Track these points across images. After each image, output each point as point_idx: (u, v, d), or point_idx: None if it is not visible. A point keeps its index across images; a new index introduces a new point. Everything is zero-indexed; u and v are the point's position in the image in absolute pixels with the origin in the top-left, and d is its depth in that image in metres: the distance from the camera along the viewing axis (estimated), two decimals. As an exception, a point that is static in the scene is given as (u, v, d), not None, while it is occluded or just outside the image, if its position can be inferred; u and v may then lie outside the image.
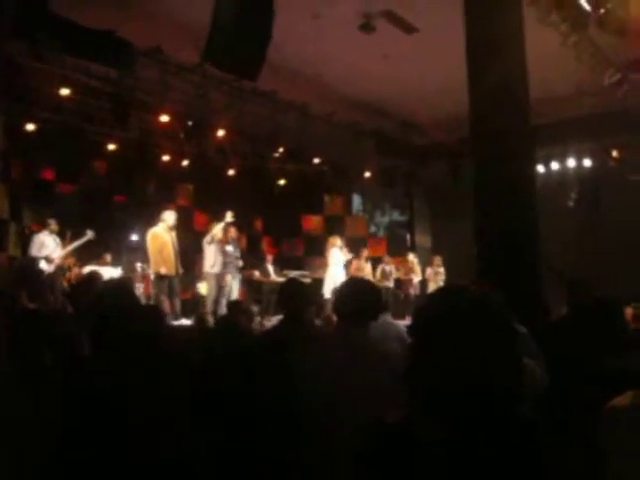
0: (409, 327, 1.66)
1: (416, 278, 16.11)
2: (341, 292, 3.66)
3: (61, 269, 11.87)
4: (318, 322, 9.23)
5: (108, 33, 9.79)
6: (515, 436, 1.55)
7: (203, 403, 2.77)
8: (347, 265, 15.07)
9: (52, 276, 11.54)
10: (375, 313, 3.61)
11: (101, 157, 13.76)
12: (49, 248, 11.62)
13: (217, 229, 12.84)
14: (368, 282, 3.82)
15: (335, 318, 3.88)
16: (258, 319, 11.63)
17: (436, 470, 1.52)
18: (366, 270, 15.38)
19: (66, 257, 12.14)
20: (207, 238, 12.93)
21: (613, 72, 10.81)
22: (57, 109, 11.76)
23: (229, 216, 12.83)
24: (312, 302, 4.32)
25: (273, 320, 10.85)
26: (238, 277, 13.75)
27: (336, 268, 14.64)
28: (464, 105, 7.49)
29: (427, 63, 11.76)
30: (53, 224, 11.94)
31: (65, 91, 10.92)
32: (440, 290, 1.77)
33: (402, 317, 12.67)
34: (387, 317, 6.16)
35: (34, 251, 11.56)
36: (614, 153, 14.86)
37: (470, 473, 1.50)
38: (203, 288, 13.56)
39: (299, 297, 4.61)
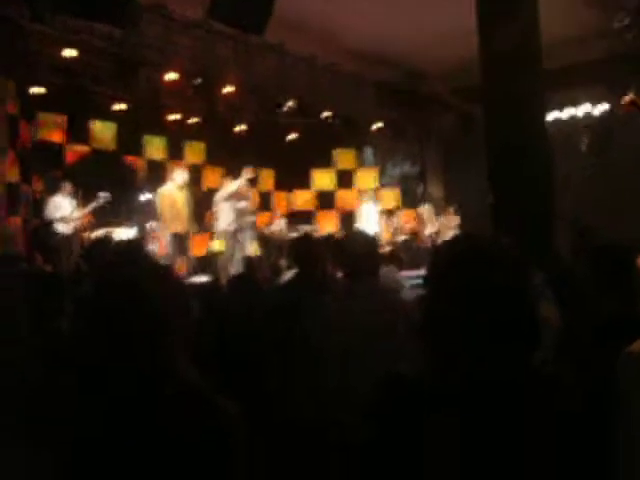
0: (423, 278, 1.66)
1: (429, 229, 16.08)
2: (346, 247, 3.63)
3: (77, 230, 11.90)
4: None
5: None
6: (531, 390, 1.54)
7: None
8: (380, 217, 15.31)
9: (68, 237, 11.59)
10: (374, 266, 3.59)
11: (109, 117, 13.68)
12: (65, 210, 11.65)
13: (234, 186, 12.80)
14: (369, 236, 3.79)
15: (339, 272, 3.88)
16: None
17: (449, 426, 1.52)
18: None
19: (83, 218, 12.18)
20: (221, 194, 12.90)
21: (622, 15, 10.62)
22: (62, 71, 11.68)
23: (247, 172, 12.79)
24: (324, 257, 4.29)
25: (289, 274, 10.88)
26: (252, 234, 13.76)
27: (367, 223, 14.78)
28: (475, 52, 7.40)
29: (436, 10, 11.59)
30: (68, 186, 11.96)
31: (69, 52, 10.83)
32: (453, 239, 1.75)
33: (416, 268, 12.66)
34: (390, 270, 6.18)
35: (50, 213, 11.59)
36: (626, 97, 14.66)
37: (484, 429, 1.50)
38: (217, 245, 13.58)
39: (312, 252, 4.61)
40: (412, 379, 1.65)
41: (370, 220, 15.04)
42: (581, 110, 15.63)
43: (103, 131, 14.16)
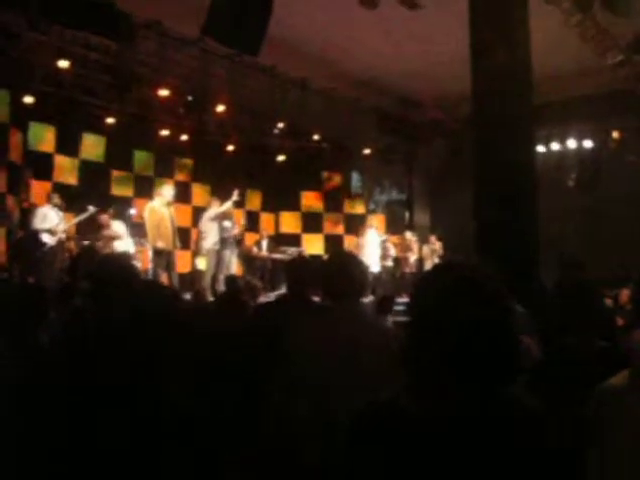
0: (407, 305, 1.67)
1: (413, 256, 16.13)
2: (331, 268, 3.59)
3: (63, 242, 11.84)
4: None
5: (107, 4, 9.71)
6: (509, 414, 1.55)
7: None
8: (382, 244, 15.49)
9: (54, 249, 11.52)
10: (362, 290, 3.56)
11: (100, 130, 13.68)
12: (52, 221, 11.59)
13: (223, 207, 12.91)
14: (355, 258, 3.75)
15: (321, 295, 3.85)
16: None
17: (429, 447, 1.52)
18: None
19: (69, 231, 12.15)
20: (209, 214, 12.98)
21: (616, 53, 10.75)
22: (56, 82, 11.68)
23: (235, 195, 12.90)
24: (316, 280, 4.27)
25: (271, 296, 10.87)
26: (235, 252, 13.80)
27: (371, 248, 14.85)
28: (465, 83, 7.47)
29: (429, 40, 11.70)
30: (56, 197, 11.91)
31: (64, 63, 10.84)
32: (436, 268, 1.76)
33: (399, 294, 12.68)
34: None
35: (37, 224, 11.53)
36: (614, 134, 14.83)
37: (463, 451, 1.50)
38: (201, 263, 13.59)
39: (304, 272, 4.62)
40: (391, 402, 1.66)
41: (372, 247, 15.14)
42: (570, 145, 15.75)
43: (93, 144, 14.16)
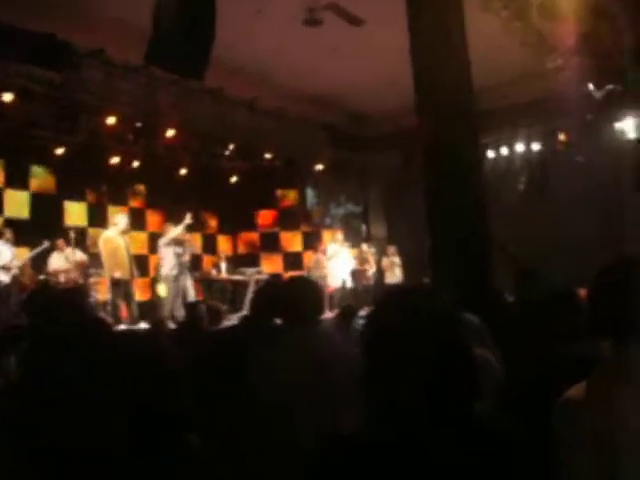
0: (361, 333, 1.67)
1: (370, 269, 16.20)
2: (286, 293, 3.62)
3: (17, 279, 11.64)
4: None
5: (49, 36, 9.65)
6: (472, 433, 1.56)
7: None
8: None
9: (8, 286, 11.33)
10: (319, 313, 3.59)
11: (50, 162, 13.52)
12: (5, 257, 11.39)
13: (177, 231, 12.82)
14: (310, 282, 3.79)
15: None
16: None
17: (395, 474, 1.52)
18: (325, 264, 15.54)
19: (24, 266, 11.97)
20: (164, 240, 12.89)
21: (555, 57, 10.95)
22: (0, 115, 11.54)
23: (188, 218, 12.83)
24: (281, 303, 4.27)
25: (232, 318, 10.81)
26: (190, 277, 13.71)
27: (336, 262, 14.88)
28: (411, 95, 7.53)
29: (374, 55, 11.81)
30: (8, 232, 11.71)
31: (8, 96, 10.71)
32: (387, 295, 1.78)
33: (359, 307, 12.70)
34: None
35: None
36: (561, 136, 15.08)
37: (429, 474, 1.51)
38: (162, 290, 13.49)
39: (270, 298, 4.61)
40: (353, 434, 1.66)
41: (339, 262, 15.21)
42: (518, 149, 15.97)
43: (43, 176, 14.00)
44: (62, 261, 12.09)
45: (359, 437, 1.63)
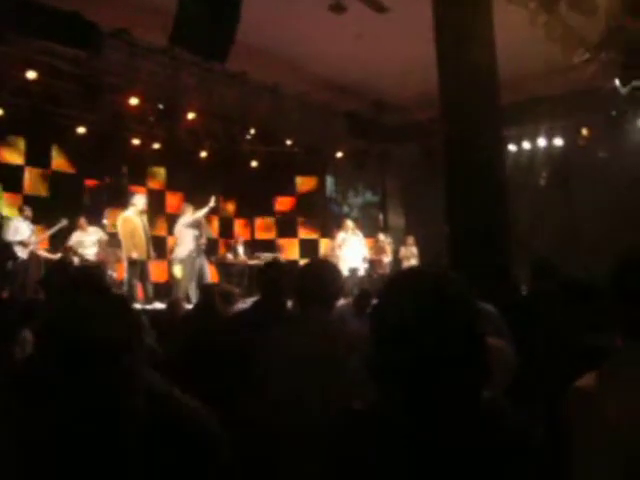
0: (371, 315, 1.66)
1: (386, 258, 16.14)
2: (303, 275, 3.60)
3: (35, 255, 11.74)
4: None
5: (73, 14, 9.65)
6: (481, 418, 1.56)
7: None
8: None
9: (26, 262, 11.43)
10: (336, 297, 3.57)
11: (71, 141, 13.58)
12: (24, 234, 11.50)
13: (200, 213, 12.84)
14: (329, 265, 3.76)
15: (293, 301, 3.84)
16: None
17: (404, 453, 1.52)
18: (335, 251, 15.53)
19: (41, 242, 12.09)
20: (184, 221, 12.89)
21: (582, 51, 10.84)
22: (24, 92, 11.58)
23: (212, 201, 12.85)
24: (290, 285, 4.26)
25: (248, 302, 10.82)
26: (206, 260, 13.74)
27: (346, 250, 14.85)
28: (435, 85, 7.50)
29: (398, 42, 11.73)
30: (27, 210, 11.83)
31: (32, 74, 10.74)
32: (400, 275, 1.76)
33: (375, 296, 12.70)
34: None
35: (9, 236, 11.45)
36: (584, 131, 14.96)
37: (438, 457, 1.50)
38: (178, 271, 13.53)
39: (280, 279, 4.60)
40: (366, 410, 1.66)
41: (352, 249, 15.16)
42: (541, 143, 15.87)
43: (63, 154, 14.07)
44: (83, 239, 12.19)
45: (370, 412, 1.63)
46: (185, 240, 12.84)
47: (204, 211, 12.91)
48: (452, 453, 1.50)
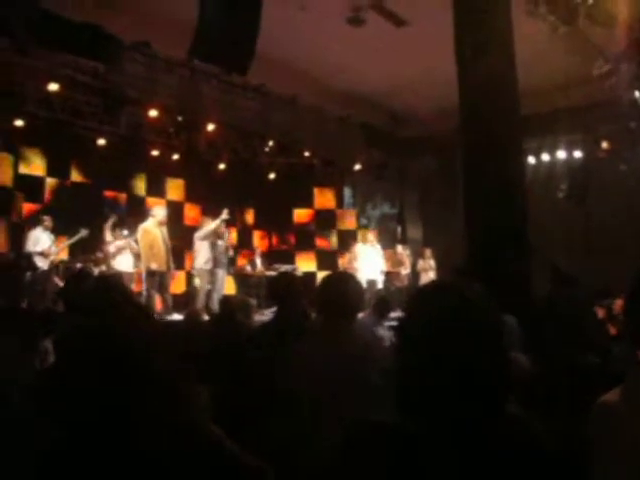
0: (397, 328, 1.66)
1: (404, 271, 16.10)
2: (325, 288, 3.60)
3: (56, 266, 11.83)
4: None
5: (95, 27, 9.76)
6: (502, 432, 1.55)
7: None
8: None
9: (46, 272, 11.51)
10: (358, 309, 3.57)
11: (91, 152, 13.68)
12: (44, 244, 11.59)
13: (213, 226, 12.86)
14: (351, 277, 3.76)
15: (315, 313, 3.84)
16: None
17: (427, 469, 1.52)
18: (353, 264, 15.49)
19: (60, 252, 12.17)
20: (200, 234, 12.94)
21: (602, 63, 10.81)
22: (45, 104, 11.68)
23: (225, 213, 12.88)
24: (304, 295, 4.28)
25: (266, 313, 10.84)
26: (227, 271, 13.77)
27: (364, 262, 14.83)
28: (454, 97, 7.50)
29: (417, 56, 11.76)
30: (47, 220, 11.91)
31: (53, 86, 10.84)
32: (426, 289, 1.76)
33: (392, 309, 12.66)
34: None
35: (29, 247, 11.54)
36: (604, 144, 14.89)
37: (459, 470, 1.50)
38: (195, 283, 13.57)
39: (292, 290, 4.62)
40: (384, 422, 1.66)
41: (369, 261, 15.09)
42: (560, 155, 15.81)
43: (83, 165, 14.18)
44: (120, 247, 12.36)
45: (389, 425, 1.62)
46: (201, 252, 12.87)
47: (216, 223, 12.93)
48: (478, 468, 1.50)
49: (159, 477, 1.75)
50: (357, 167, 16.44)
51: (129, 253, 12.47)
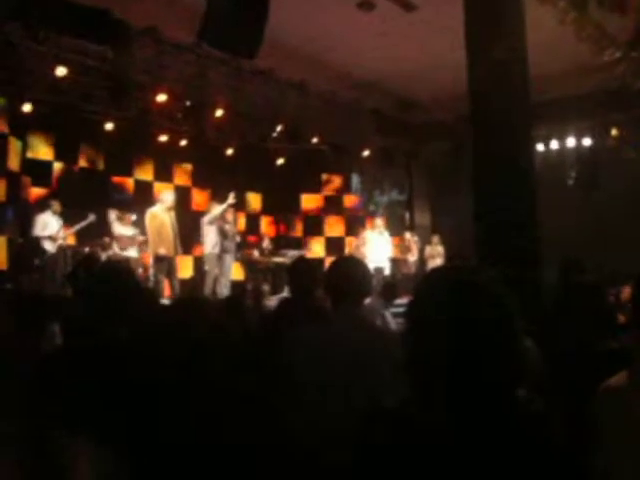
0: (406, 314, 1.65)
1: (412, 258, 16.09)
2: (332, 272, 3.60)
3: (63, 249, 11.86)
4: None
5: (103, 12, 9.73)
6: (515, 421, 1.54)
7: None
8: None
9: (55, 257, 11.55)
10: (366, 293, 3.58)
11: (98, 137, 13.68)
12: (52, 229, 11.62)
13: (218, 210, 12.87)
14: (359, 262, 3.77)
15: (323, 296, 3.85)
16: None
17: (437, 456, 1.51)
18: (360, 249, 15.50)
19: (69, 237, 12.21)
20: (207, 218, 12.95)
21: (612, 50, 10.73)
22: (54, 89, 11.67)
23: (231, 197, 12.88)
24: (320, 280, 4.28)
25: (273, 299, 10.86)
26: (235, 257, 13.79)
27: (371, 249, 14.83)
28: (463, 83, 7.46)
29: (426, 41, 11.70)
30: (56, 205, 11.96)
31: (61, 71, 10.82)
32: (435, 271, 1.75)
33: (400, 295, 12.67)
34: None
35: (37, 231, 11.58)
36: (613, 131, 14.82)
37: (471, 459, 1.49)
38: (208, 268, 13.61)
39: (308, 275, 4.63)
40: (396, 412, 1.65)
41: (377, 248, 15.10)
42: (569, 143, 15.75)
43: (91, 150, 14.18)
44: (125, 230, 12.37)
45: (402, 412, 1.62)
46: (208, 238, 12.90)
47: (222, 208, 12.94)
48: (489, 452, 1.49)
49: None
50: (366, 153, 16.40)
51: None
